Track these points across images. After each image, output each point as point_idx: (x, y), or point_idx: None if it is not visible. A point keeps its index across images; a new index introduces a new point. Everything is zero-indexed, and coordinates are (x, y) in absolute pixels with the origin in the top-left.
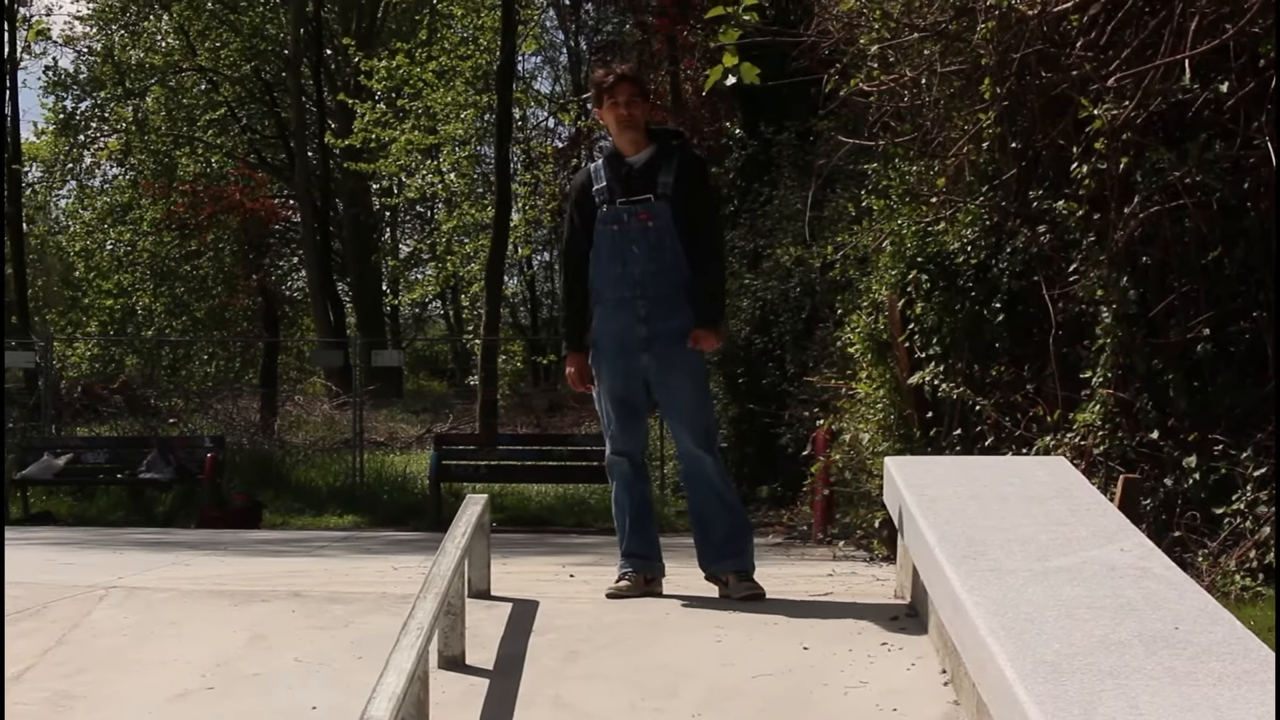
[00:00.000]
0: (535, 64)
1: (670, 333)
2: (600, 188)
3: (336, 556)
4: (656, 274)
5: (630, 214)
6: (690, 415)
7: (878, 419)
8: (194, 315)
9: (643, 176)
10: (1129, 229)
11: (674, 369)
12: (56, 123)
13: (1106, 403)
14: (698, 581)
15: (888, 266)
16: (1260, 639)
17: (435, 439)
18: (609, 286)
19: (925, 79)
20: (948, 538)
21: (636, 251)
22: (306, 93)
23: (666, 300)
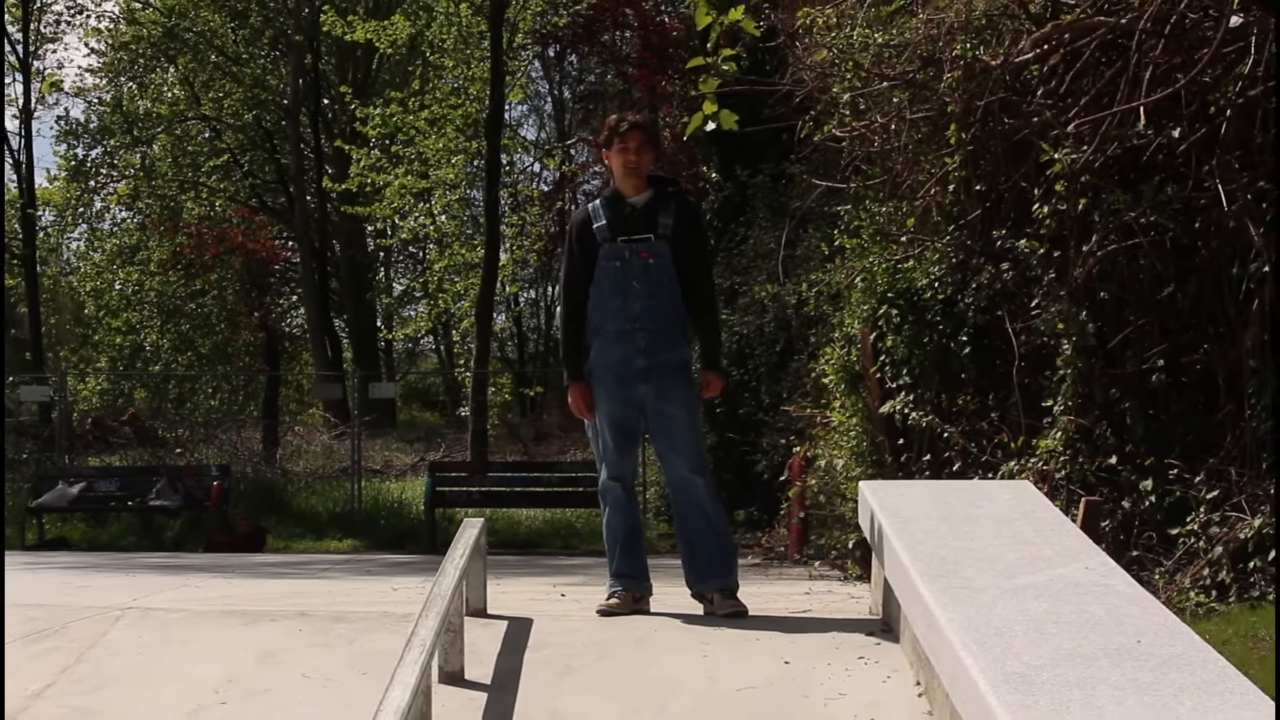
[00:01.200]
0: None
1: (667, 364)
2: (601, 225)
3: (338, 578)
4: (656, 309)
5: (631, 251)
6: (685, 442)
7: (851, 446)
8: (199, 350)
9: (643, 217)
10: (1087, 266)
11: (671, 399)
12: (68, 169)
13: (1067, 429)
14: (683, 600)
15: (859, 301)
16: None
17: (430, 466)
18: (610, 319)
19: (894, 125)
20: (921, 557)
21: (637, 287)
22: (305, 140)
23: (665, 333)
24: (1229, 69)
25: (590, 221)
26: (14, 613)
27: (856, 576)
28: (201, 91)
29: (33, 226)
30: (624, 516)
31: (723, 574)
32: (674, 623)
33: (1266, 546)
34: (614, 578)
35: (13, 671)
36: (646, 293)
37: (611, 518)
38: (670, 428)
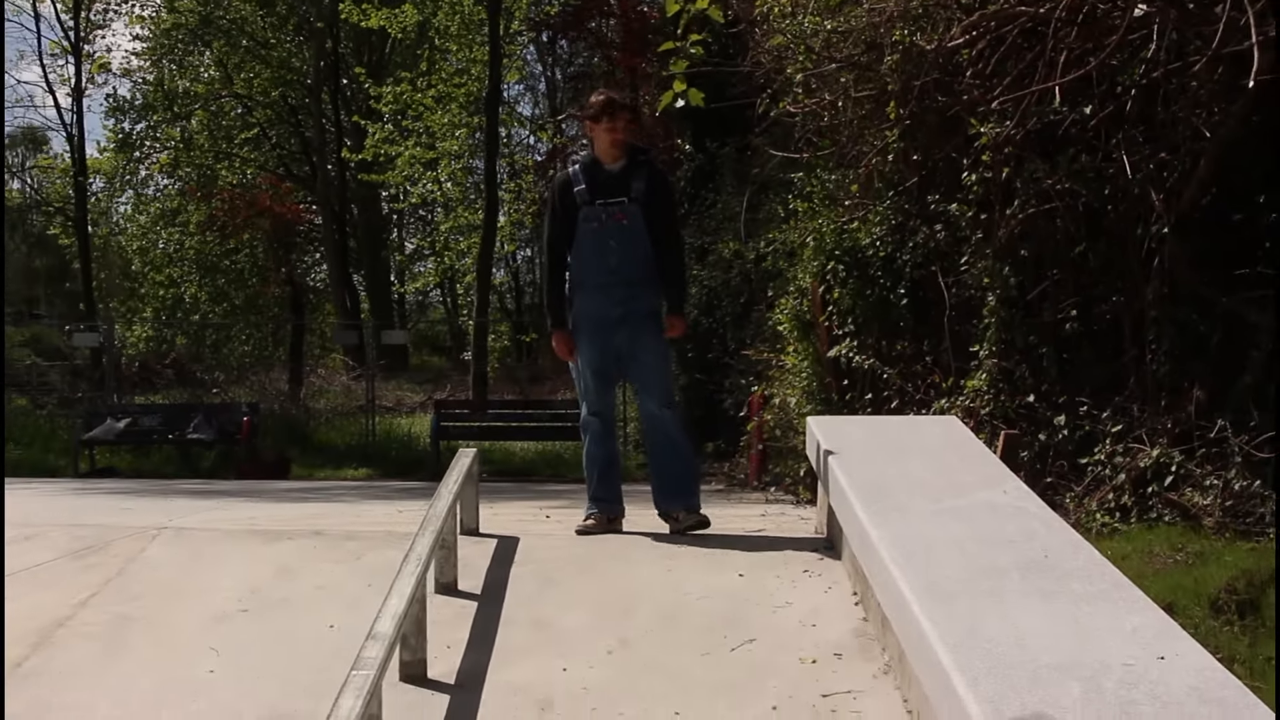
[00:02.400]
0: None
1: (639, 313)
2: (581, 189)
3: (352, 502)
4: (629, 264)
5: (608, 213)
6: (656, 381)
7: (802, 385)
8: (233, 302)
9: (618, 182)
10: (1010, 227)
11: (643, 344)
12: (116, 141)
13: (991, 371)
14: (654, 521)
15: (810, 258)
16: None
17: (435, 404)
18: (589, 274)
19: (841, 102)
20: (858, 483)
21: (614, 245)
22: (326, 115)
23: (638, 285)
24: (1134, 53)
25: (571, 184)
26: (65, 531)
27: (807, 501)
28: (234, 72)
29: (84, 193)
30: (602, 448)
31: (686, 495)
32: (644, 541)
33: (1163, 475)
34: (592, 501)
35: (62, 582)
36: (621, 250)
37: (591, 448)
38: (643, 369)
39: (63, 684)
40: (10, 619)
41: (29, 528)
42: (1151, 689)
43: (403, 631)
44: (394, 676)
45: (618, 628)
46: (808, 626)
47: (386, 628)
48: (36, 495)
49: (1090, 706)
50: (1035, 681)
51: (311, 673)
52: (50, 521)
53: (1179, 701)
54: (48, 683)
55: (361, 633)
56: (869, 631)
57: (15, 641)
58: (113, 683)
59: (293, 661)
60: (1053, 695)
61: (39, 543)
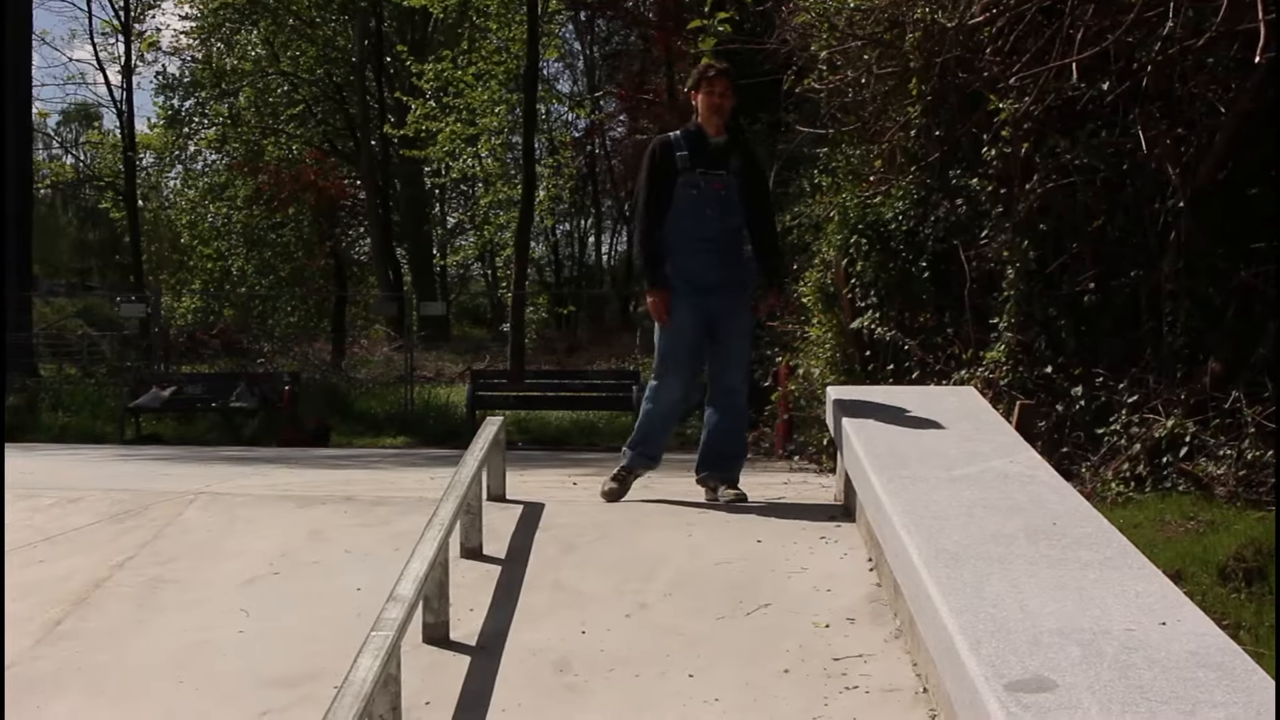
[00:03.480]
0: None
1: (734, 281)
2: (684, 155)
3: (386, 469)
4: (724, 233)
5: (707, 182)
6: (740, 354)
7: (826, 356)
8: (279, 274)
9: (720, 154)
10: (1029, 202)
11: (734, 315)
12: (165, 118)
13: (1010, 343)
14: (676, 488)
15: (834, 232)
16: (1125, 534)
17: (472, 374)
18: (684, 239)
19: (864, 79)
20: (874, 451)
21: (710, 213)
22: (370, 92)
23: (731, 254)
24: (1151, 30)
25: (674, 148)
26: (104, 496)
27: (829, 469)
28: (280, 50)
29: (134, 168)
30: (672, 409)
31: (731, 470)
32: (665, 508)
33: (1178, 445)
34: (638, 454)
35: (100, 545)
36: (718, 217)
37: (661, 406)
38: (729, 340)
39: (95, 644)
40: (49, 580)
41: (71, 491)
42: (1151, 653)
43: (425, 594)
44: (417, 638)
45: (637, 592)
46: (822, 592)
47: (407, 590)
48: (82, 461)
49: (1089, 669)
50: (1036, 645)
51: (337, 633)
52: (92, 486)
53: (1178, 665)
54: (81, 643)
55: (386, 595)
56: (882, 597)
57: (54, 603)
58: (143, 643)
59: (319, 623)
60: (1053, 658)
61: (80, 505)
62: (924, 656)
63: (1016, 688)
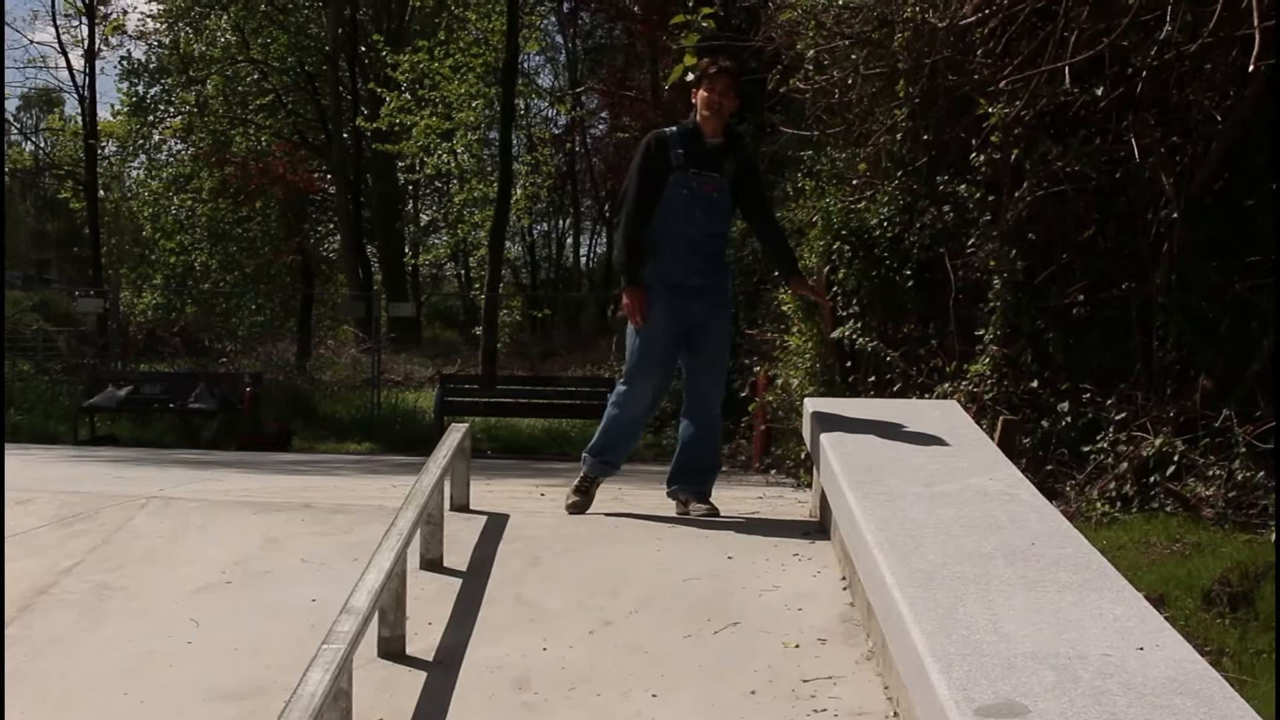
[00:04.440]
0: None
1: (718, 286)
2: (679, 153)
3: (348, 475)
4: (711, 237)
5: (699, 183)
6: (718, 361)
7: (806, 367)
8: (244, 271)
9: (715, 156)
10: (1019, 210)
11: (716, 320)
12: (130, 105)
13: (995, 356)
14: (647, 501)
15: (817, 238)
16: (1109, 555)
17: (440, 378)
18: (671, 240)
19: (851, 80)
20: (850, 465)
21: (700, 215)
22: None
23: (716, 259)
24: (1147, 34)
25: (668, 145)
26: (54, 499)
27: (807, 484)
28: (251, 37)
29: (95, 156)
30: (640, 418)
31: (703, 483)
32: (634, 521)
33: (1166, 464)
34: (601, 462)
35: (47, 550)
36: (705, 221)
37: (628, 413)
38: (709, 346)
39: (38, 652)
40: None
41: (20, 493)
42: (1128, 679)
43: (381, 607)
44: (372, 652)
45: (601, 608)
46: (793, 610)
47: (361, 602)
48: (33, 462)
49: (1062, 695)
50: (1009, 669)
51: (289, 645)
52: (42, 489)
53: (1154, 692)
54: (24, 651)
55: (342, 607)
56: (855, 617)
57: None
58: (89, 652)
59: (271, 634)
60: (1026, 683)
61: (29, 508)
62: (895, 679)
63: (987, 713)
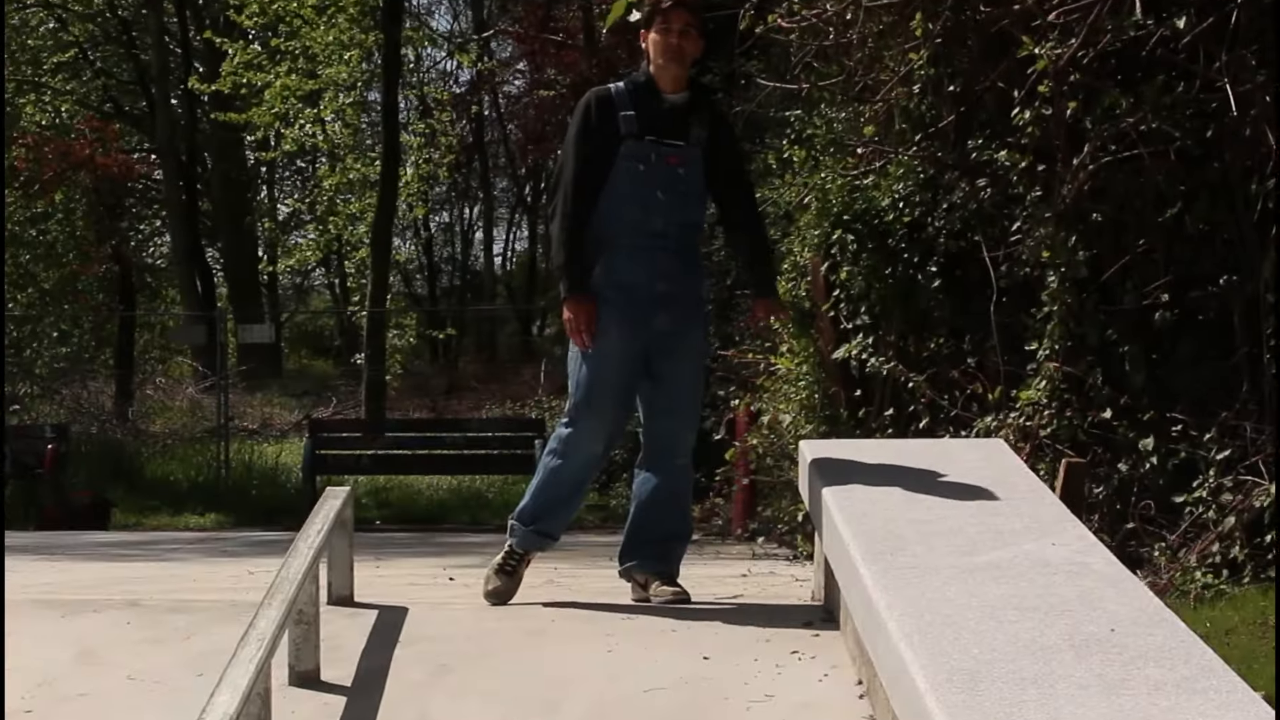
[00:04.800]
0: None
1: (689, 294)
2: (628, 115)
3: (188, 560)
4: (679, 227)
5: (659, 154)
6: (688, 399)
7: (800, 398)
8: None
9: (677, 118)
10: (1078, 182)
11: (685, 342)
12: None
13: (1054, 378)
14: (593, 584)
15: (810, 225)
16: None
17: (310, 424)
18: (622, 231)
19: (850, 13)
20: (864, 531)
21: (661, 197)
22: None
23: (685, 256)
24: None
25: (614, 106)
26: None
27: (807, 555)
28: None
29: None
30: (583, 471)
31: (667, 557)
32: (576, 613)
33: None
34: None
35: None
36: (670, 205)
37: (567, 465)
38: (677, 376)
39: None
40: None
41: None
42: None
43: None
44: None
45: None
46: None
47: None
48: None
49: None
50: None
51: None
52: None
53: None
54: None
55: None
56: None
57: None
58: None
59: None
60: None
61: None
62: None
63: None
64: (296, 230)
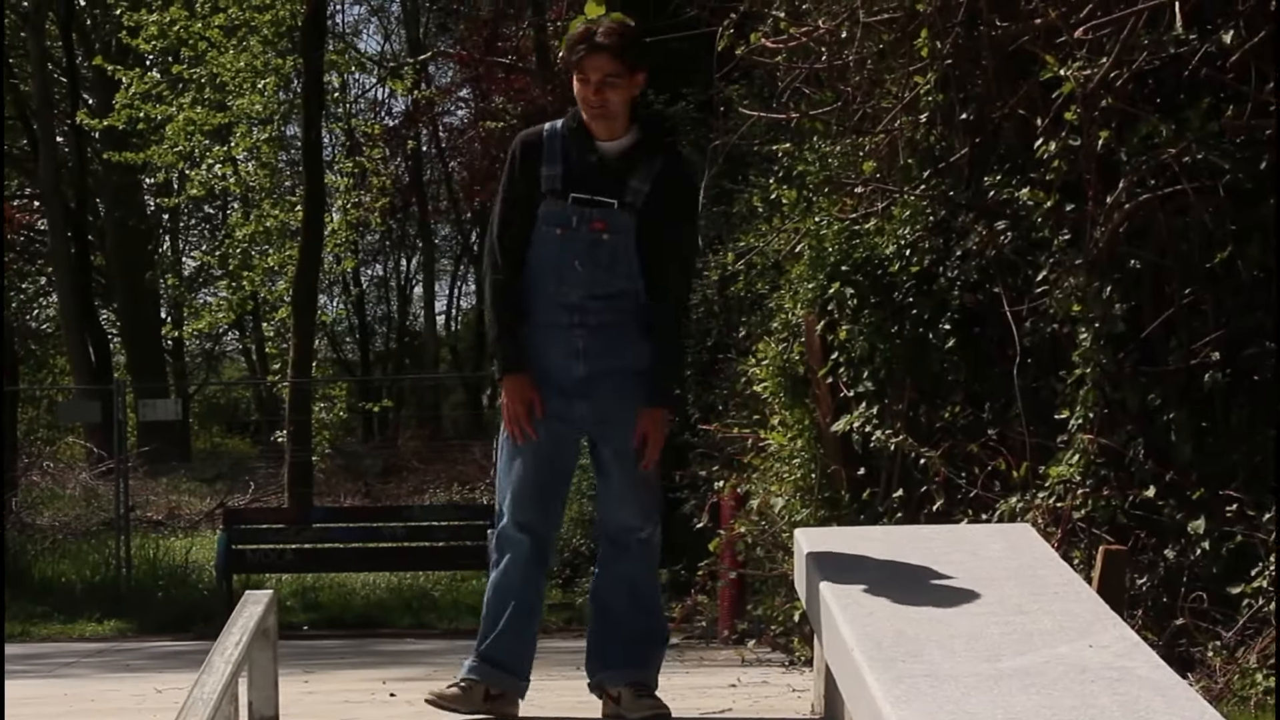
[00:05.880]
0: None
1: (616, 374)
2: (553, 172)
3: (83, 677)
4: (601, 302)
5: (581, 218)
6: (633, 486)
7: (795, 479)
8: None
9: (611, 172)
10: (1112, 224)
11: (618, 425)
12: None
13: (1088, 451)
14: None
15: (804, 278)
16: None
17: (225, 514)
18: (540, 306)
19: (846, 31)
20: (871, 633)
21: (580, 269)
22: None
23: (611, 332)
24: None
25: (539, 154)
26: None
27: (805, 660)
28: None
29: None
30: (524, 583)
31: (639, 663)
32: None
33: None
34: (477, 659)
35: None
36: (591, 279)
37: (504, 579)
38: (620, 466)
39: None
40: None
41: None
42: None
43: None
44: None
45: None
46: None
47: None
48: None
49: None
50: None
51: None
52: None
53: None
54: None
55: None
56: None
57: None
58: None
59: None
60: None
61: None
62: None
63: None
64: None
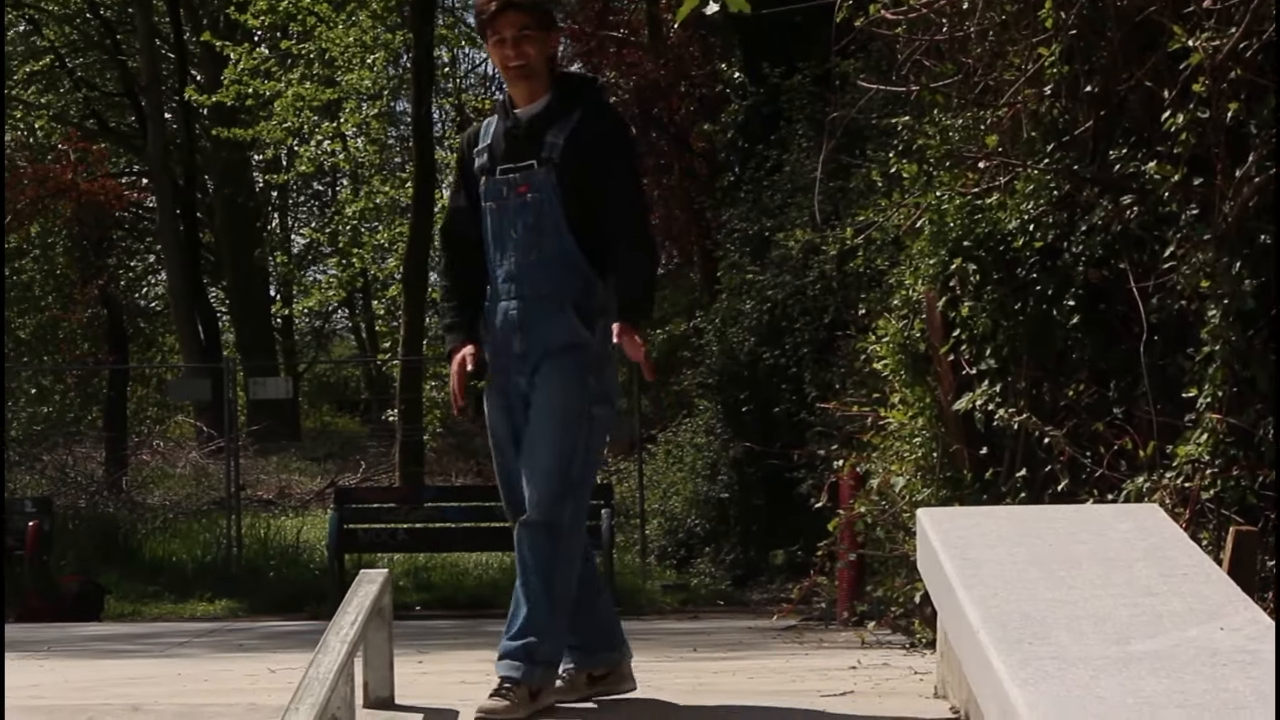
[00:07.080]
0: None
1: (546, 348)
2: (482, 151)
3: (197, 656)
4: (532, 267)
5: (509, 186)
6: (540, 461)
7: (915, 458)
8: (17, 336)
9: (529, 135)
10: (1242, 198)
11: (540, 397)
12: None
13: (1217, 431)
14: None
15: (924, 253)
16: None
17: (337, 494)
18: (492, 284)
19: (969, 2)
20: (996, 614)
21: (514, 236)
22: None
23: (543, 304)
24: None
25: (477, 139)
26: None
27: (927, 642)
28: None
29: None
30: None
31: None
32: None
33: None
34: None
35: None
36: (525, 244)
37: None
38: (532, 439)
39: None
40: None
41: None
42: None
43: None
44: None
45: None
46: None
47: None
48: None
49: None
50: None
51: None
52: None
53: None
54: None
55: None
56: None
57: None
58: None
59: None
60: None
61: None
62: None
63: None
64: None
